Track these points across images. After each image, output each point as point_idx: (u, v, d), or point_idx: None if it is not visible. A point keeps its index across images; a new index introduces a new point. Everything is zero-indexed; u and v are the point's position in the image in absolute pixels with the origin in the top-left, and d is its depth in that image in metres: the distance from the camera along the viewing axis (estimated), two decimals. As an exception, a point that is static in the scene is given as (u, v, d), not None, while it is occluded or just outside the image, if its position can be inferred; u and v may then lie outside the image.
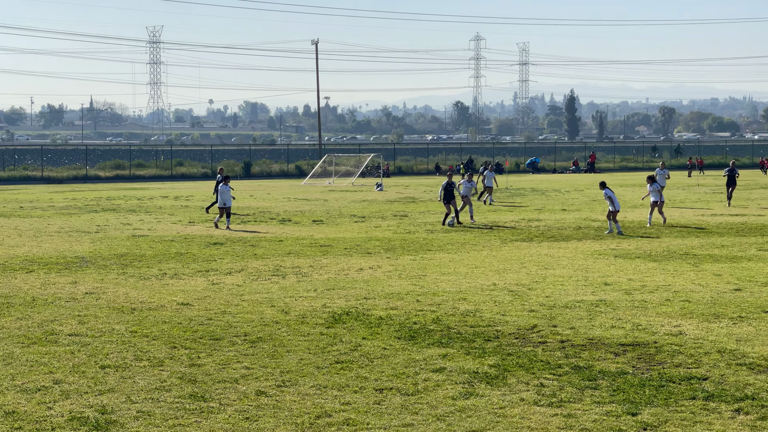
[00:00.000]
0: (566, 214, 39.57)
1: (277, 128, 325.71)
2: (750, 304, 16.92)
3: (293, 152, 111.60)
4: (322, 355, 13.30)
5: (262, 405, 10.79)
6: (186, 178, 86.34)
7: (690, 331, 14.64)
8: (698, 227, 32.25)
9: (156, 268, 22.86)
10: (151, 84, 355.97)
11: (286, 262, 23.89)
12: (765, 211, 39.87)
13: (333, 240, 29.28)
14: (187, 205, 47.76)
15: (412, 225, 34.74)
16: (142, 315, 16.45)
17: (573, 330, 14.86)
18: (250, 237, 30.49)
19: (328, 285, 19.89)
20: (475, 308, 16.92)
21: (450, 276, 21.11)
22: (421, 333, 14.72)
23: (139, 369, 12.54)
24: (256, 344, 14.02)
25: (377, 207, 45.53)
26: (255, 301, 17.92)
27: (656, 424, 9.95)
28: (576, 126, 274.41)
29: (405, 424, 10.03)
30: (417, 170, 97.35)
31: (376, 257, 24.72)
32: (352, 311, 16.67)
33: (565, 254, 25.00)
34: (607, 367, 12.39)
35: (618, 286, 19.36)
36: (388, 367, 12.52)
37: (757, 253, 24.56)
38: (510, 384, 11.63)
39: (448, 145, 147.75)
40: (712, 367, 12.32)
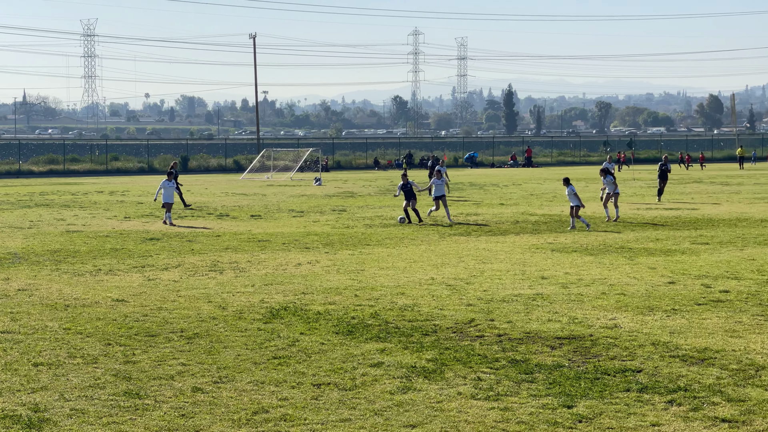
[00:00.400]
0: (504, 208, 39.82)
1: (214, 122, 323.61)
2: (683, 297, 17.15)
3: (231, 147, 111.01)
4: (259, 350, 13.24)
5: (198, 401, 10.71)
6: (122, 172, 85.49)
7: (625, 324, 14.80)
8: (634, 221, 32.61)
9: (90, 264, 22.59)
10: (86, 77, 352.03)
11: (223, 257, 23.75)
12: (698, 204, 40.46)
13: (271, 235, 29.17)
14: (123, 200, 47.28)
15: (351, 220, 34.72)
16: (76, 312, 16.24)
17: (510, 324, 14.95)
18: (187, 232, 30.27)
19: (266, 280, 19.81)
20: (413, 303, 16.95)
21: (388, 270, 21.13)
22: (359, 328, 14.71)
23: (73, 366, 12.37)
24: (192, 340, 13.91)
25: (316, 202, 45.45)
26: (192, 296, 17.78)
27: (591, 416, 10.04)
28: (514, 121, 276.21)
29: (342, 419, 10.01)
30: (356, 165, 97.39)
31: (315, 252, 24.67)
32: (290, 306, 16.61)
33: (503, 248, 25.15)
34: (544, 361, 12.48)
35: (555, 279, 19.52)
36: (326, 363, 12.49)
37: (690, 247, 24.91)
38: (447, 378, 11.66)
39: (387, 139, 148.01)
40: (646, 360, 12.46)
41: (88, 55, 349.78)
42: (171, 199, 33.69)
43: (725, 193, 47.74)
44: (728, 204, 40.47)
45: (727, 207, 38.82)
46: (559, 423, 9.82)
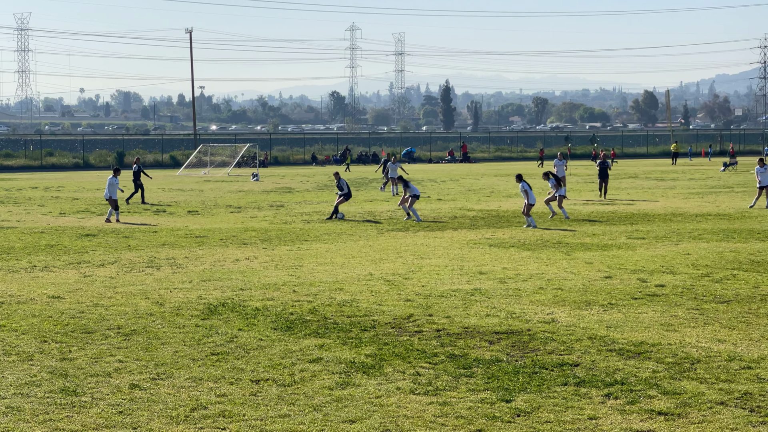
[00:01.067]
0: (442, 203, 39.97)
1: (151, 118, 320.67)
2: (620, 291, 17.35)
3: (168, 142, 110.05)
4: (197, 347, 13.15)
5: (136, 398, 10.61)
6: (57, 168, 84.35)
7: (562, 319, 14.94)
8: (571, 216, 32.91)
9: (25, 260, 22.27)
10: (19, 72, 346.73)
11: (160, 253, 23.55)
12: (634, 200, 40.95)
13: (208, 231, 28.99)
14: (58, 196, 46.67)
15: (289, 215, 34.63)
16: (11, 309, 16.00)
17: (449, 319, 15.01)
18: (123, 228, 29.96)
19: (204, 276, 19.68)
20: (351, 298, 16.95)
21: (327, 266, 21.10)
22: (297, 323, 14.68)
23: (8, 364, 12.19)
24: (129, 337, 13.78)
25: (253, 197, 45.25)
26: (129, 293, 17.61)
27: (529, 410, 10.12)
28: (451, 116, 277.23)
29: (281, 415, 9.99)
30: (293, 160, 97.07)
31: (253, 248, 24.56)
32: (228, 302, 16.52)
33: (441, 243, 25.25)
34: (482, 355, 12.55)
35: (493, 274, 19.63)
36: (265, 359, 12.45)
37: (626, 242, 25.20)
38: (386, 373, 11.68)
39: (324, 135, 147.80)
40: (584, 354, 12.59)
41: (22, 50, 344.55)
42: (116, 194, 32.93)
43: (660, 189, 48.38)
44: (663, 199, 41.02)
45: (663, 202, 39.35)
46: (498, 417, 9.89)
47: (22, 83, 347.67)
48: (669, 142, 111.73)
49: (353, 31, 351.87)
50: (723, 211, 34.38)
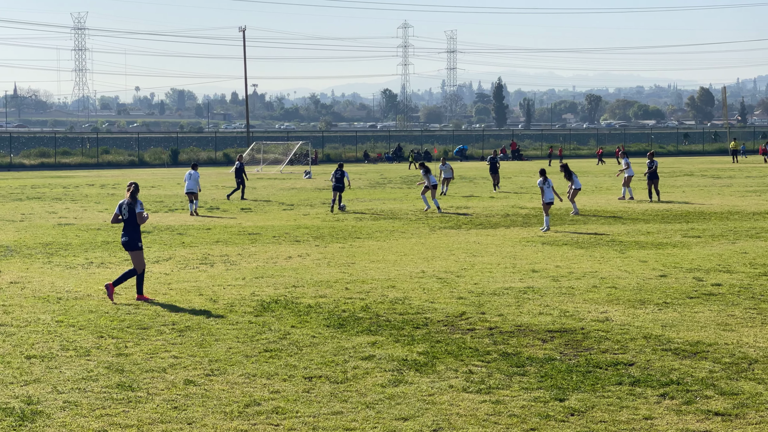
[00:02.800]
0: (494, 201, 39.84)
1: (204, 116, 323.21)
2: (675, 290, 17.18)
3: (221, 140, 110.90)
4: (250, 343, 13.22)
5: (190, 394, 10.70)
6: (112, 165, 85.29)
7: (616, 318, 14.82)
8: (625, 215, 32.65)
9: (82, 257, 22.54)
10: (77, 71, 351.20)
11: (214, 250, 23.72)
12: (689, 198, 40.50)
13: (261, 228, 29.14)
14: (114, 193, 47.18)
15: (341, 213, 34.68)
16: (68, 304, 16.20)
17: (501, 317, 14.96)
18: (177, 225, 30.22)
19: (257, 273, 19.79)
20: (404, 296, 16.95)
21: (379, 264, 21.12)
22: (350, 321, 14.71)
23: (66, 359, 12.35)
24: (184, 333, 13.89)
25: (306, 195, 45.42)
26: (183, 289, 17.76)
27: (583, 409, 10.05)
28: (504, 114, 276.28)
29: (334, 412, 10.01)
30: (345, 158, 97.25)
31: (305, 245, 24.65)
32: (280, 299, 16.60)
33: (494, 241, 25.16)
34: (535, 354, 12.49)
35: (546, 272, 19.53)
36: (317, 356, 12.48)
37: (681, 240, 24.94)
38: (439, 371, 11.66)
39: (376, 132, 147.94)
40: (638, 353, 12.48)
41: (79, 49, 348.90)
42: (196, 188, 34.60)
43: (717, 187, 47.81)
44: (719, 197, 40.53)
45: (719, 200, 38.88)
46: (551, 416, 9.83)
47: (79, 82, 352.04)
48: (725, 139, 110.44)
49: (405, 28, 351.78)
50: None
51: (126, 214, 16.77)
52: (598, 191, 45.50)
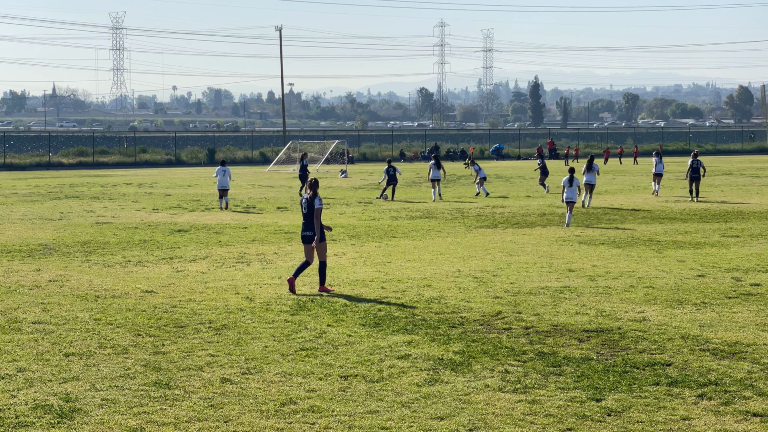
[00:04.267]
0: (531, 200, 39.71)
1: (241, 115, 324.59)
2: (713, 290, 17.05)
3: (257, 139, 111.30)
4: (286, 342, 13.26)
5: (227, 392, 10.75)
6: (150, 165, 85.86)
7: (654, 317, 14.73)
8: (663, 214, 32.44)
9: (120, 255, 22.71)
10: (114, 70, 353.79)
11: (250, 249, 23.81)
12: (728, 197, 40.17)
13: (298, 227, 29.17)
14: (151, 192, 47.49)
15: (377, 212, 34.73)
16: (106, 302, 16.33)
17: (537, 316, 14.91)
18: (214, 224, 30.37)
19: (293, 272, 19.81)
20: (439, 295, 16.94)
21: (415, 263, 21.11)
22: (385, 320, 14.71)
23: (104, 357, 12.44)
24: (220, 331, 13.96)
25: (342, 194, 45.49)
26: (219, 288, 17.84)
27: (620, 409, 10.00)
28: (540, 113, 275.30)
29: (370, 411, 10.02)
30: (381, 157, 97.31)
31: (341, 244, 24.68)
32: (316, 298, 16.63)
33: (530, 241, 25.08)
34: (572, 354, 12.44)
35: (582, 272, 19.44)
36: (353, 354, 12.50)
37: (720, 240, 24.75)
38: (475, 370, 11.65)
39: (412, 131, 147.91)
40: (676, 353, 12.40)
41: (117, 48, 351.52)
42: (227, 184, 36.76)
43: (755, 186, 47.40)
44: (758, 197, 40.18)
45: (758, 200, 38.55)
46: (588, 416, 9.79)
47: (116, 81, 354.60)
48: (765, 138, 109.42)
49: (442, 27, 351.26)
50: (820, 209, 33.53)
51: (305, 209, 17.38)
52: (636, 190, 45.22)
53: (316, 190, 17.39)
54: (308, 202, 17.30)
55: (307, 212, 17.35)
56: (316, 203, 17.22)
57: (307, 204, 17.33)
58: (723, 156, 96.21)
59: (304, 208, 17.42)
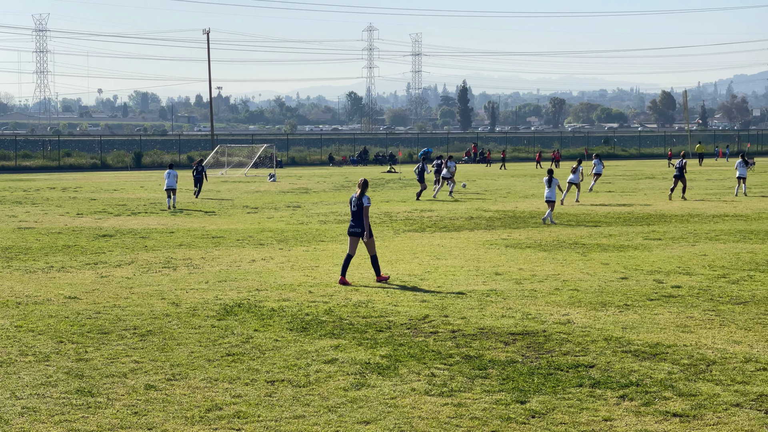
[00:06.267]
0: (458, 204, 39.93)
1: (168, 118, 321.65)
2: (636, 293, 17.30)
3: (185, 143, 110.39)
4: (213, 347, 13.18)
5: (151, 399, 10.64)
6: (74, 168, 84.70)
7: (578, 320, 14.90)
8: (588, 217, 32.84)
9: (42, 261, 22.37)
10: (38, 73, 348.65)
11: (177, 254, 23.61)
12: (651, 200, 40.80)
13: (225, 231, 29.05)
14: (76, 196, 46.86)
15: (305, 216, 34.67)
16: (28, 309, 16.07)
17: (464, 320, 15.00)
18: (140, 229, 30.06)
19: (220, 277, 19.72)
20: (367, 299, 16.95)
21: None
22: (313, 324, 14.69)
23: (24, 364, 12.24)
24: (145, 338, 13.82)
25: (270, 198, 45.32)
26: (145, 293, 17.66)
27: (544, 411, 10.10)
28: (469, 117, 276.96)
29: (296, 416, 10.00)
30: (310, 161, 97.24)
31: (269, 248, 24.60)
32: (244, 303, 16.55)
33: (457, 244, 25.23)
34: (497, 356, 12.53)
35: (508, 275, 19.60)
36: (280, 359, 12.46)
37: (643, 242, 25.12)
38: (401, 374, 11.68)
39: (341, 135, 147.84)
40: (599, 355, 12.56)
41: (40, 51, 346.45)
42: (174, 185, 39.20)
43: (677, 189, 48.19)
44: (680, 200, 40.85)
45: (679, 203, 39.20)
46: (512, 418, 9.87)
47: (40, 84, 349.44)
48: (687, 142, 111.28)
49: (370, 31, 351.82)
50: (740, 212, 34.24)
51: (355, 206, 18.77)
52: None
53: (365, 190, 18.81)
54: (357, 200, 18.68)
55: (356, 210, 18.72)
56: (365, 201, 18.67)
57: (356, 202, 18.70)
58: (647, 160, 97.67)
59: (353, 206, 18.77)
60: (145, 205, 40.62)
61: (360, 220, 18.69)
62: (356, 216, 18.74)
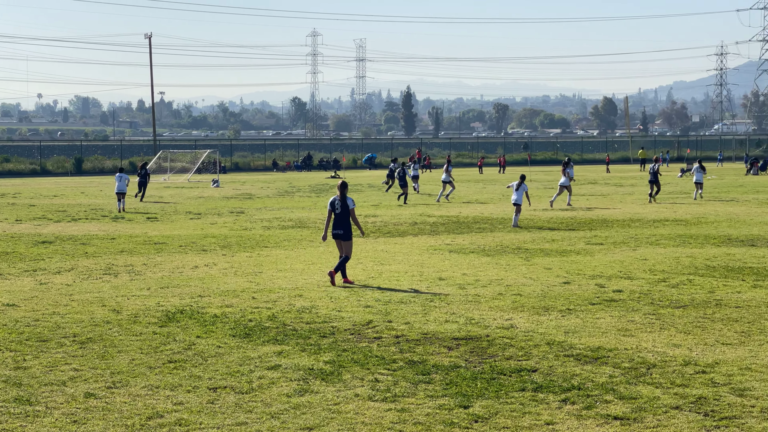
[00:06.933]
0: (402, 209, 39.99)
1: (110, 123, 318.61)
2: (578, 297, 17.43)
3: (127, 148, 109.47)
4: (154, 354, 13.05)
5: (91, 407, 10.50)
6: (13, 174, 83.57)
7: (521, 324, 14.97)
8: (531, 223, 33.05)
9: (-19, 267, 22.00)
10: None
11: (118, 260, 23.37)
12: (593, 205, 41.17)
13: (167, 237, 28.82)
14: (14, 202, 46.23)
15: (249, 222, 34.51)
16: (-35, 317, 15.79)
17: (408, 325, 15.00)
18: (81, 235, 29.72)
19: (162, 283, 19.55)
20: (311, 305, 16.90)
21: (286, 273, 21.04)
22: (256, 330, 14.61)
23: (-39, 373, 12.02)
24: (85, 345, 13.65)
25: (213, 204, 45.06)
26: (85, 300, 17.45)
27: (487, 415, 10.13)
28: (413, 122, 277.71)
29: (239, 423, 9.93)
30: (254, 166, 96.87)
31: (212, 254, 24.44)
32: (186, 309, 16.42)
33: (401, 249, 25.25)
34: (441, 361, 12.55)
35: (452, 280, 19.65)
36: (223, 366, 12.37)
37: (585, 247, 25.33)
38: (345, 380, 11.65)
39: (285, 141, 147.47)
40: (542, 359, 12.62)
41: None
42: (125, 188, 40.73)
43: (619, 194, 48.70)
44: (622, 205, 41.28)
45: (621, 208, 39.61)
46: (456, 423, 9.89)
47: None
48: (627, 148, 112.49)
49: (314, 37, 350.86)
50: (680, 217, 34.68)
51: (339, 209, 19.18)
52: (506, 199, 45.97)
53: (346, 192, 19.26)
54: (342, 203, 19.15)
55: (339, 212, 19.17)
56: (350, 203, 19.21)
57: (341, 205, 19.16)
58: (589, 165, 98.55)
59: (337, 209, 19.20)
60: (86, 211, 40.18)
61: (343, 222, 19.13)
62: (340, 219, 19.15)
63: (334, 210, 19.28)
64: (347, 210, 19.18)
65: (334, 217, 19.28)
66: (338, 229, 19.21)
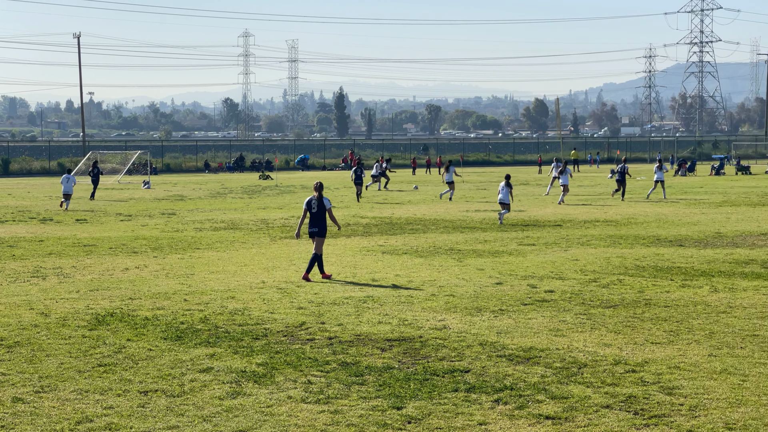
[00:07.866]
0: (335, 211, 39.95)
1: (37, 124, 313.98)
2: (510, 297, 17.54)
3: (55, 149, 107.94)
4: (84, 358, 12.87)
5: (18, 412, 10.33)
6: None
7: (454, 325, 15.03)
8: (463, 223, 33.22)
9: None
10: None
11: (46, 262, 23.03)
12: (525, 206, 41.50)
13: (97, 239, 28.46)
14: (-59, 204, 45.33)
15: (181, 223, 34.22)
16: None
17: (341, 326, 14.98)
18: (7, 237, 29.23)
19: (92, 286, 19.30)
20: (243, 306, 16.80)
21: (218, 274, 20.89)
22: (188, 333, 14.49)
23: None
24: (12, 349, 13.42)
25: (144, 205, 44.61)
26: (12, 303, 17.16)
27: (420, 416, 10.15)
28: (345, 123, 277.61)
29: (170, 427, 9.83)
30: (186, 168, 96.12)
31: (143, 256, 24.19)
32: (116, 312, 16.22)
33: (334, 251, 25.21)
34: (374, 363, 12.55)
35: (385, 281, 19.67)
36: (154, 369, 12.24)
37: (517, 248, 25.51)
38: (278, 382, 11.60)
39: (217, 142, 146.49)
40: (474, 360, 12.68)
41: None
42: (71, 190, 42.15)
43: (551, 196, 49.12)
44: (553, 206, 41.66)
45: (552, 209, 39.97)
46: (389, 424, 9.89)
47: None
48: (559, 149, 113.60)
49: (246, 37, 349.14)
50: (610, 218, 35.09)
51: (315, 208, 19.90)
52: (438, 201, 46.16)
53: (322, 192, 19.96)
54: (318, 202, 19.83)
55: (316, 211, 19.88)
56: (326, 203, 19.94)
57: (317, 204, 19.84)
58: (521, 167, 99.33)
59: (314, 208, 19.90)
60: (13, 213, 39.54)
61: (319, 221, 19.83)
62: (316, 217, 19.86)
63: (311, 209, 19.97)
64: (324, 209, 19.93)
65: (311, 216, 19.99)
66: (314, 227, 19.88)
